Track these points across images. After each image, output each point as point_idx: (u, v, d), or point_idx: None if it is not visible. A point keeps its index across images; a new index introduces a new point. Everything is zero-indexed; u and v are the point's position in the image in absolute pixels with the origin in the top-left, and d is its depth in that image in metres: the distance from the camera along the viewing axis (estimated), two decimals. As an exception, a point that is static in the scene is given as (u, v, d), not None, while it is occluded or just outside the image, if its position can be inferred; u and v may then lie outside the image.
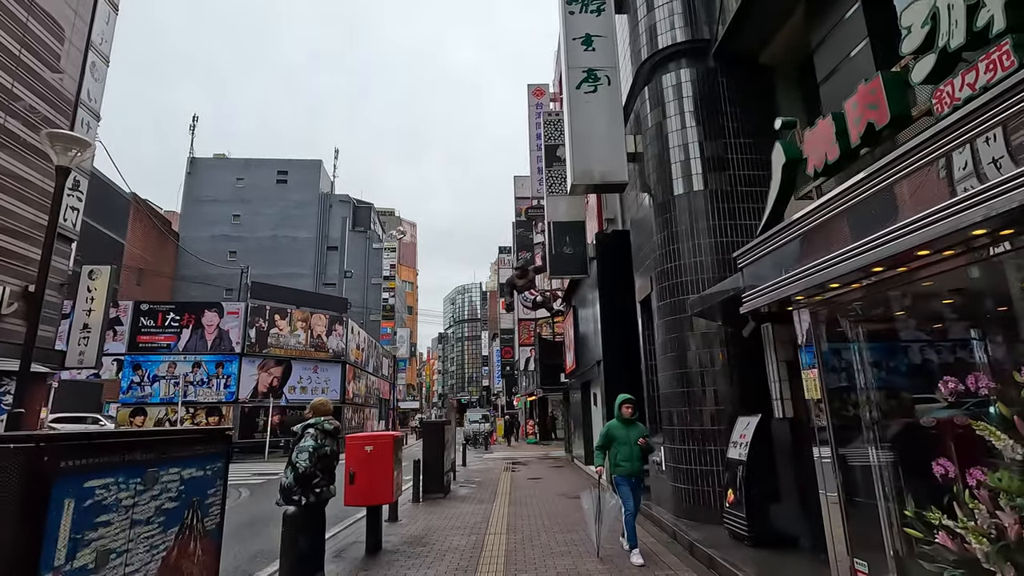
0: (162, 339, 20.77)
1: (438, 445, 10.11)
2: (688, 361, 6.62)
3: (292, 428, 5.20)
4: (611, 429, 5.52)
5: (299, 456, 4.80)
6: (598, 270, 10.80)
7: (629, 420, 5.50)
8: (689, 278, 6.77)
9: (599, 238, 10.95)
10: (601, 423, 12.00)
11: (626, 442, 5.37)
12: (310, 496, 4.83)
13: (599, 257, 10.85)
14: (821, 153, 3.54)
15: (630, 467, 5.37)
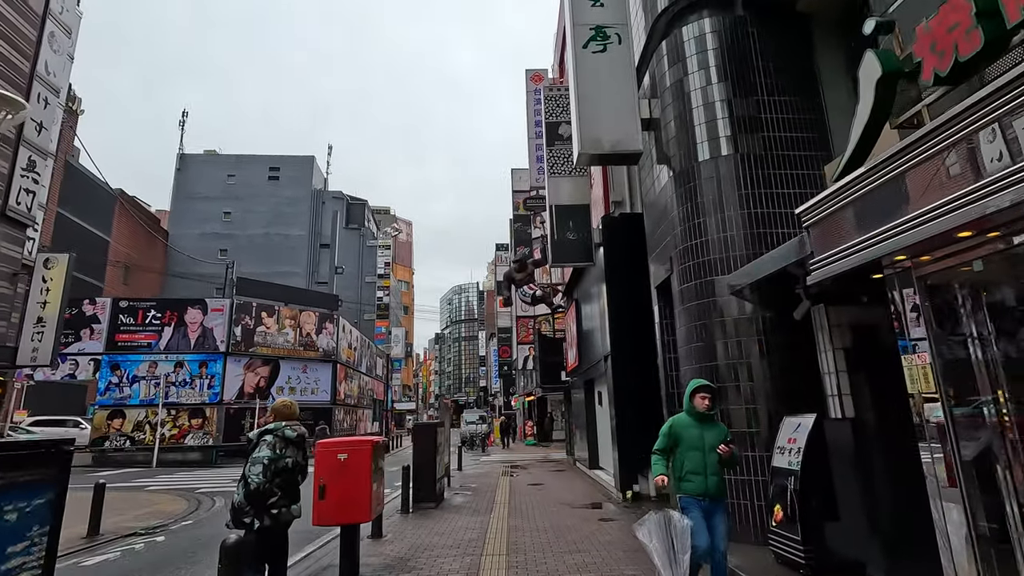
0: (142, 337, 19.74)
1: (430, 449, 9.16)
2: (716, 352, 5.69)
3: (248, 435, 4.23)
4: (677, 426, 4.03)
5: (252, 469, 3.87)
6: (605, 257, 9.87)
7: (705, 416, 3.96)
8: (716, 256, 5.85)
9: (606, 222, 10.02)
10: (608, 424, 11.07)
11: (698, 447, 3.88)
12: (264, 519, 3.89)
13: (606, 243, 9.92)
14: (947, 48, 2.58)
15: (702, 483, 3.81)
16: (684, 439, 3.94)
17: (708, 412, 3.96)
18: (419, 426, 9.52)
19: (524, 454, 22.26)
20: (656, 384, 8.93)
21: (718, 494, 3.85)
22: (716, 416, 4.16)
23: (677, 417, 4.12)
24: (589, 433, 12.96)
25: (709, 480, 3.82)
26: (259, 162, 45.83)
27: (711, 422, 4.03)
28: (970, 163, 2.33)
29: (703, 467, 3.84)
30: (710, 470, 3.83)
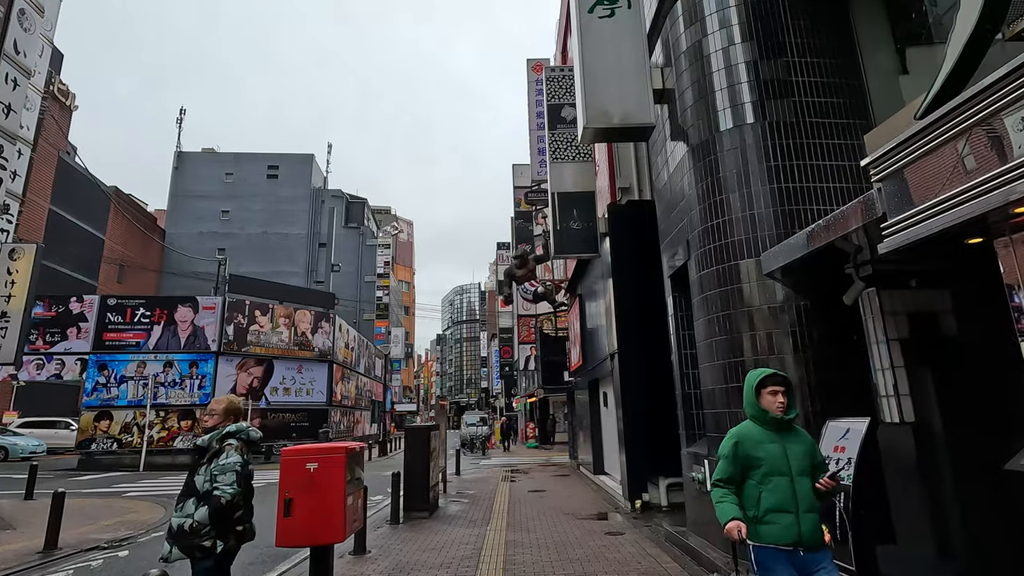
0: (130, 336, 19.11)
1: (423, 454, 8.48)
2: (743, 347, 4.99)
3: (196, 442, 3.45)
4: (746, 442, 2.71)
5: (222, 479, 3.19)
6: (611, 247, 9.19)
7: (783, 423, 2.71)
8: (741, 237, 5.15)
9: (612, 210, 9.34)
10: (614, 426, 10.35)
11: (782, 470, 2.60)
12: (229, 538, 3.22)
13: (612, 232, 9.24)
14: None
15: (792, 527, 2.52)
16: (758, 460, 2.63)
17: (786, 417, 2.69)
18: (411, 429, 8.83)
19: (525, 457, 21.55)
20: (668, 383, 8.21)
21: (817, 542, 2.54)
22: (798, 421, 2.87)
23: (743, 429, 2.80)
24: (593, 436, 12.26)
25: (803, 521, 2.51)
26: (258, 160, 45.28)
27: (792, 431, 2.73)
28: None
29: (792, 501, 2.53)
30: (803, 505, 2.53)
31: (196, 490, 3.20)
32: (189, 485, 3.24)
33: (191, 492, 3.22)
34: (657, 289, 8.60)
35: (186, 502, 3.19)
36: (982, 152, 2.17)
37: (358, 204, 47.84)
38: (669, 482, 8.15)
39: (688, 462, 5.97)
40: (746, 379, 2.87)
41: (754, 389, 2.79)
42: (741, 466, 2.68)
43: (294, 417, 21.35)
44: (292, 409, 21.36)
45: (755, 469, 2.64)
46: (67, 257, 29.97)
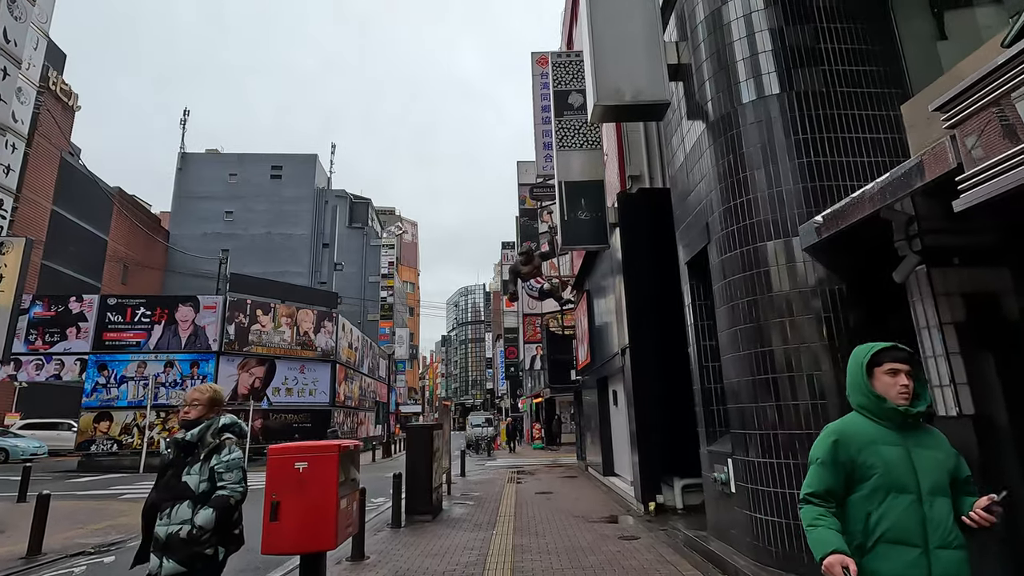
0: (131, 336, 18.85)
1: (425, 454, 8.10)
2: (770, 335, 4.58)
3: (182, 438, 2.91)
4: (852, 440, 1.94)
5: (229, 477, 2.83)
6: (622, 238, 8.79)
7: (906, 417, 1.92)
8: (766, 217, 4.75)
9: (622, 199, 8.94)
10: (624, 426, 9.96)
11: (905, 485, 1.85)
12: (230, 544, 2.89)
13: (623, 222, 8.84)
14: None
15: (917, 569, 1.78)
16: (870, 469, 1.88)
17: (913, 409, 1.91)
18: (413, 428, 8.45)
19: (532, 458, 21.15)
20: (685, 379, 7.80)
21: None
22: (926, 411, 1.96)
23: (847, 423, 2.01)
24: (602, 436, 11.85)
25: (935, 561, 1.78)
26: (261, 161, 45.12)
27: (922, 430, 1.97)
28: None
29: (919, 530, 1.81)
30: (936, 536, 1.80)
31: (190, 491, 2.77)
32: (175, 487, 2.80)
33: (181, 495, 2.77)
34: (671, 280, 8.19)
35: (176, 507, 2.74)
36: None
37: (362, 204, 47.60)
38: (684, 483, 7.75)
39: (709, 461, 5.56)
40: (852, 354, 2.10)
41: (864, 368, 2.00)
42: (844, 475, 1.91)
43: (296, 418, 21.04)
44: (294, 410, 21.05)
45: (864, 481, 1.88)
46: (70, 258, 29.87)
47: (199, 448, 2.88)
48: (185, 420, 2.99)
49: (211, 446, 2.89)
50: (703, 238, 5.52)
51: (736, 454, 4.84)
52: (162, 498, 2.80)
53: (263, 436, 19.83)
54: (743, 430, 4.76)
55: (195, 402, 3.03)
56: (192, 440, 2.90)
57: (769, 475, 4.43)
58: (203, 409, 3.01)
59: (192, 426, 2.96)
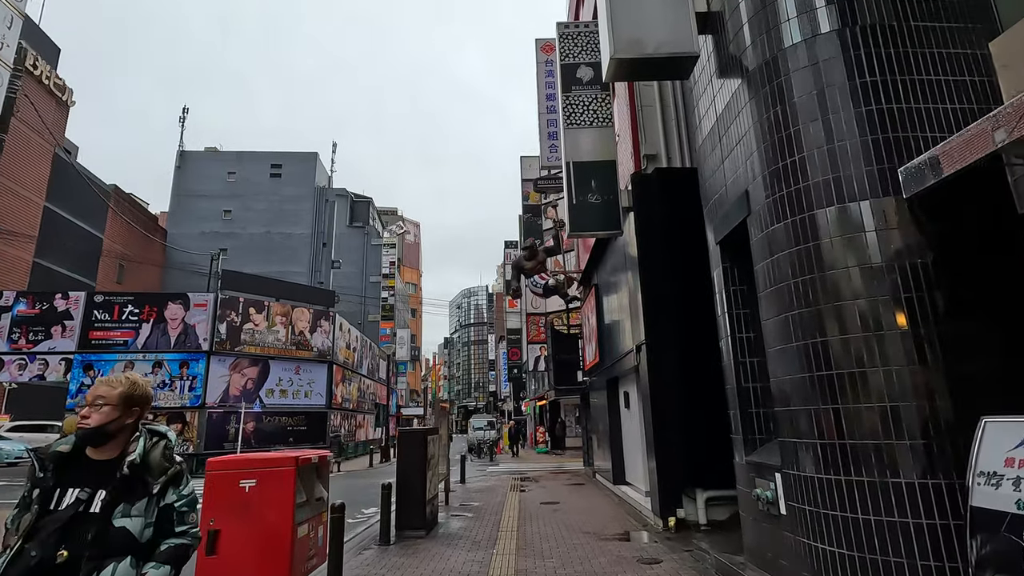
0: (118, 335, 18.09)
1: (418, 463, 7.26)
2: (831, 322, 3.74)
3: (130, 460, 1.90)
4: None
5: (192, 519, 2.03)
6: (637, 223, 7.96)
7: None
8: (819, 179, 3.91)
9: (636, 181, 8.12)
10: (638, 430, 9.12)
11: None
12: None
13: (637, 206, 8.02)
14: None
15: None
16: None
17: None
18: (405, 434, 7.61)
19: (535, 463, 20.28)
20: (709, 378, 6.96)
21: None
22: None
23: None
24: (612, 442, 10.99)
25: None
26: (261, 159, 44.47)
27: None
28: None
29: None
30: None
31: (133, 542, 1.82)
32: (100, 535, 1.79)
33: (115, 547, 1.79)
34: (692, 268, 7.36)
35: (109, 567, 1.76)
36: None
37: (363, 203, 46.89)
38: (709, 495, 6.89)
39: (748, 474, 4.71)
40: None
41: None
42: None
43: (291, 421, 20.24)
44: (289, 412, 20.25)
45: None
46: (63, 256, 29.17)
47: (147, 477, 1.92)
48: (84, 429, 1.93)
49: (166, 474, 1.94)
50: (740, 210, 4.68)
51: (787, 467, 3.98)
52: (75, 552, 1.75)
53: (256, 440, 19.03)
54: (796, 438, 3.90)
55: (100, 401, 1.94)
56: (136, 463, 1.90)
57: (834, 495, 3.57)
58: (113, 412, 1.94)
59: (97, 438, 1.93)
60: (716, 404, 6.96)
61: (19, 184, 26.40)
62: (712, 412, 7.03)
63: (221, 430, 18.19)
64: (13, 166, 25.92)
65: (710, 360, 7.10)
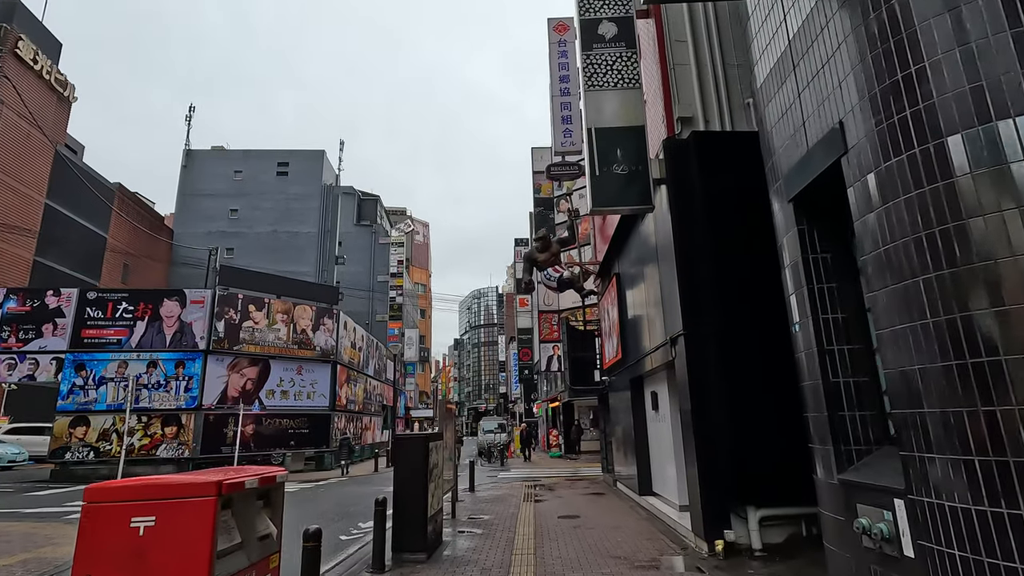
0: (111, 333, 17.28)
1: (418, 473, 6.22)
2: (981, 290, 2.62)
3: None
4: None
5: None
6: (671, 196, 6.89)
7: None
8: (956, 90, 2.80)
9: (670, 147, 7.04)
10: (667, 435, 8.09)
11: None
12: None
13: (671, 175, 6.94)
14: None
15: None
16: None
17: None
18: (402, 440, 6.55)
19: (549, 469, 19.17)
20: (767, 372, 5.92)
21: None
22: None
23: None
24: (638, 448, 9.87)
25: None
26: (267, 157, 43.84)
27: None
28: None
29: None
30: None
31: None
32: None
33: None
34: (739, 245, 6.29)
35: None
36: None
37: (370, 201, 46.14)
38: (764, 515, 5.78)
39: (838, 497, 3.60)
40: None
41: None
42: None
43: (293, 423, 19.32)
44: (291, 414, 19.33)
45: None
46: (65, 255, 28.60)
47: None
48: None
49: None
50: (829, 151, 3.58)
51: (918, 493, 2.87)
52: None
53: (255, 443, 18.14)
54: (930, 453, 2.80)
55: None
56: None
57: (995, 536, 2.47)
58: None
59: None
60: (770, 405, 5.87)
61: (18, 180, 25.84)
62: (765, 414, 5.94)
63: (218, 433, 17.30)
64: (12, 162, 25.38)
65: (762, 352, 6.01)
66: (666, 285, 7.24)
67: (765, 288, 5.52)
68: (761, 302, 5.84)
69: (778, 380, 5.51)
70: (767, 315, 5.62)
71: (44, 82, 27.72)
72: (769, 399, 5.91)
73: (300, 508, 10.40)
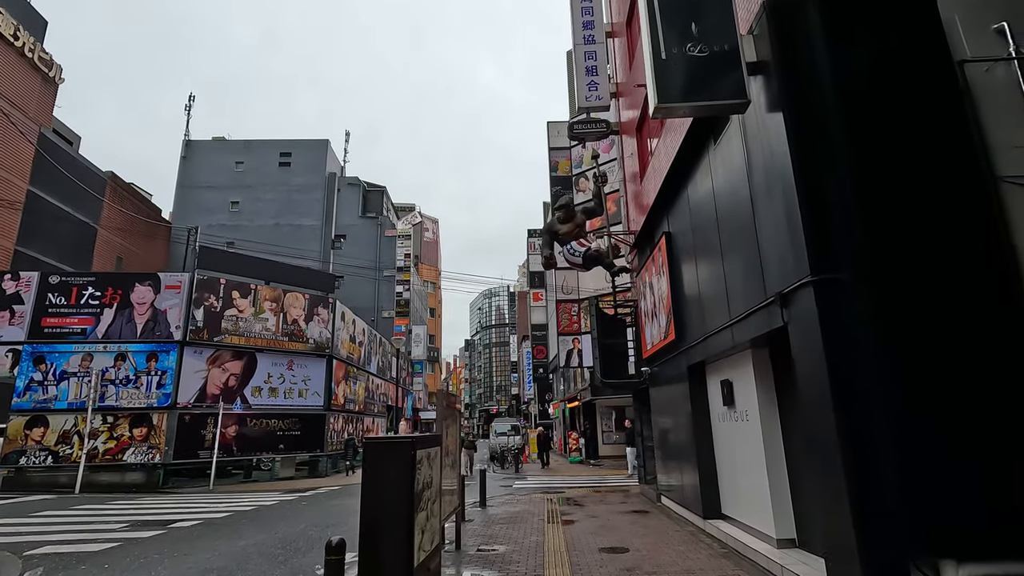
0: (75, 322, 15.30)
1: (398, 501, 3.96)
2: None
3: None
4: None
5: None
6: (781, 81, 4.60)
7: None
8: None
9: (775, 9, 4.73)
10: (756, 438, 5.79)
11: None
12: None
13: (781, 53, 4.65)
14: None
15: None
16: None
17: None
18: (373, 446, 4.25)
19: (571, 477, 16.84)
20: (965, 337, 3.59)
21: None
22: None
23: None
24: (700, 455, 7.53)
25: None
26: (269, 147, 42.02)
27: None
28: None
29: None
30: None
31: None
32: None
33: None
34: (900, 141, 3.98)
35: None
36: None
37: (376, 192, 44.18)
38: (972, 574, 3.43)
39: None
40: None
41: None
42: None
43: (283, 424, 17.21)
44: (280, 414, 17.22)
45: None
46: (51, 245, 26.85)
47: None
48: None
49: None
50: None
51: None
52: None
53: (238, 447, 16.05)
54: None
55: None
56: None
57: None
58: None
59: None
60: (975, 393, 3.55)
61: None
62: (965, 408, 3.61)
63: (195, 436, 15.21)
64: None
65: (950, 309, 3.69)
66: (766, 222, 4.94)
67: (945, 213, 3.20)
68: (940, 234, 3.53)
69: (983, 351, 3.21)
70: (955, 255, 3.33)
71: (27, 61, 26.00)
72: (971, 382, 3.59)
73: (261, 531, 8.21)
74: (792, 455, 5.65)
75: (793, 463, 5.62)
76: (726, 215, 6.04)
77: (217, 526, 8.69)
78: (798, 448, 5.44)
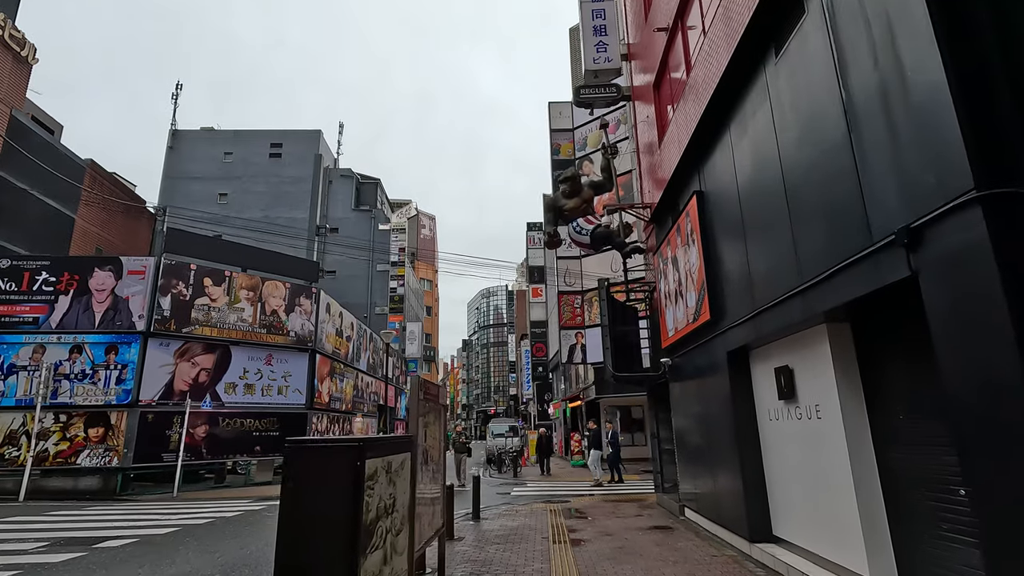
0: (27, 310, 13.79)
1: (334, 537, 2.51)
2: None
3: None
4: None
5: None
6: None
7: None
8: None
9: None
10: (840, 443, 4.31)
11: None
12: None
13: None
14: None
15: None
16: None
17: None
18: (297, 449, 2.81)
19: (574, 483, 15.39)
20: None
21: None
22: None
23: None
24: (743, 462, 6.09)
25: None
26: (259, 138, 40.49)
27: None
28: None
29: None
30: None
31: None
32: None
33: None
34: None
35: None
36: None
37: (370, 185, 42.74)
38: None
39: None
40: None
41: None
42: None
43: (259, 424, 15.71)
44: (257, 413, 15.72)
45: None
46: (22, 234, 25.29)
47: None
48: None
49: None
50: None
51: None
52: None
53: (209, 449, 14.55)
54: None
55: None
56: None
57: None
58: None
59: None
60: None
61: None
62: None
63: (159, 436, 13.71)
64: None
65: None
66: (875, 138, 3.50)
67: None
68: None
69: None
70: None
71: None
72: None
73: (203, 552, 6.73)
74: (890, 466, 4.20)
75: (893, 477, 4.17)
76: (796, 146, 4.60)
77: (155, 545, 7.21)
78: (903, 458, 4.00)
